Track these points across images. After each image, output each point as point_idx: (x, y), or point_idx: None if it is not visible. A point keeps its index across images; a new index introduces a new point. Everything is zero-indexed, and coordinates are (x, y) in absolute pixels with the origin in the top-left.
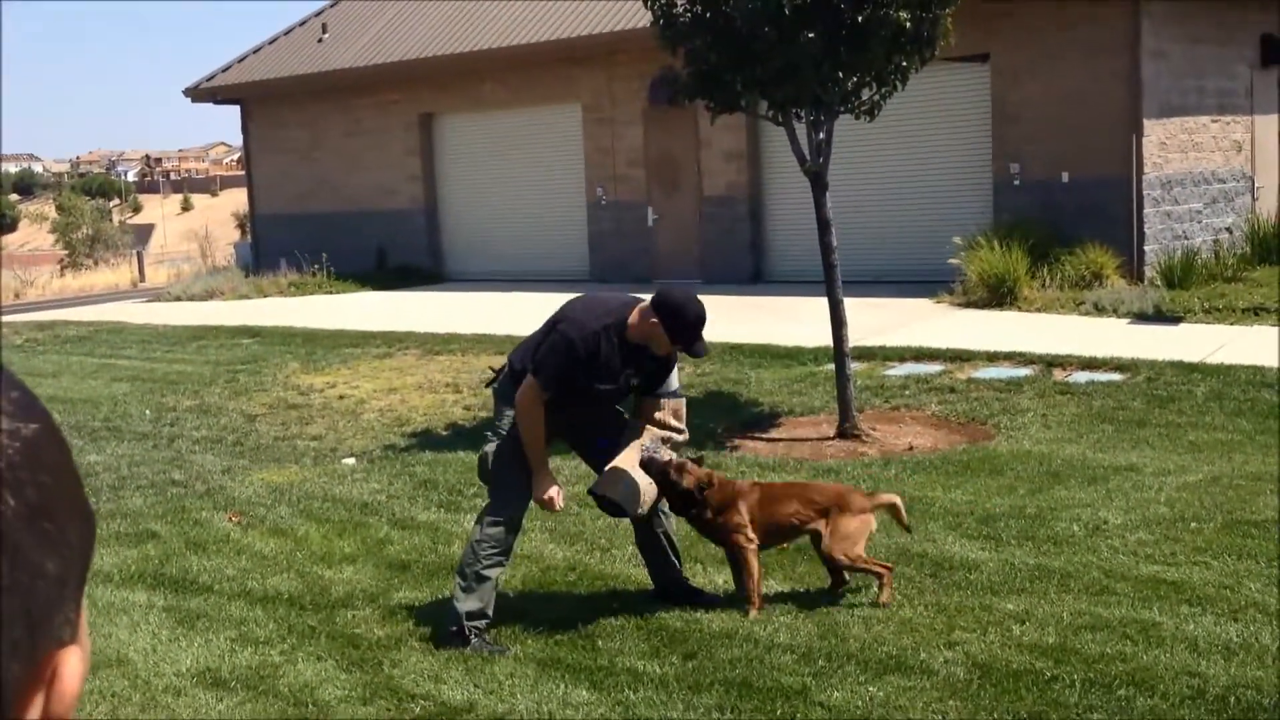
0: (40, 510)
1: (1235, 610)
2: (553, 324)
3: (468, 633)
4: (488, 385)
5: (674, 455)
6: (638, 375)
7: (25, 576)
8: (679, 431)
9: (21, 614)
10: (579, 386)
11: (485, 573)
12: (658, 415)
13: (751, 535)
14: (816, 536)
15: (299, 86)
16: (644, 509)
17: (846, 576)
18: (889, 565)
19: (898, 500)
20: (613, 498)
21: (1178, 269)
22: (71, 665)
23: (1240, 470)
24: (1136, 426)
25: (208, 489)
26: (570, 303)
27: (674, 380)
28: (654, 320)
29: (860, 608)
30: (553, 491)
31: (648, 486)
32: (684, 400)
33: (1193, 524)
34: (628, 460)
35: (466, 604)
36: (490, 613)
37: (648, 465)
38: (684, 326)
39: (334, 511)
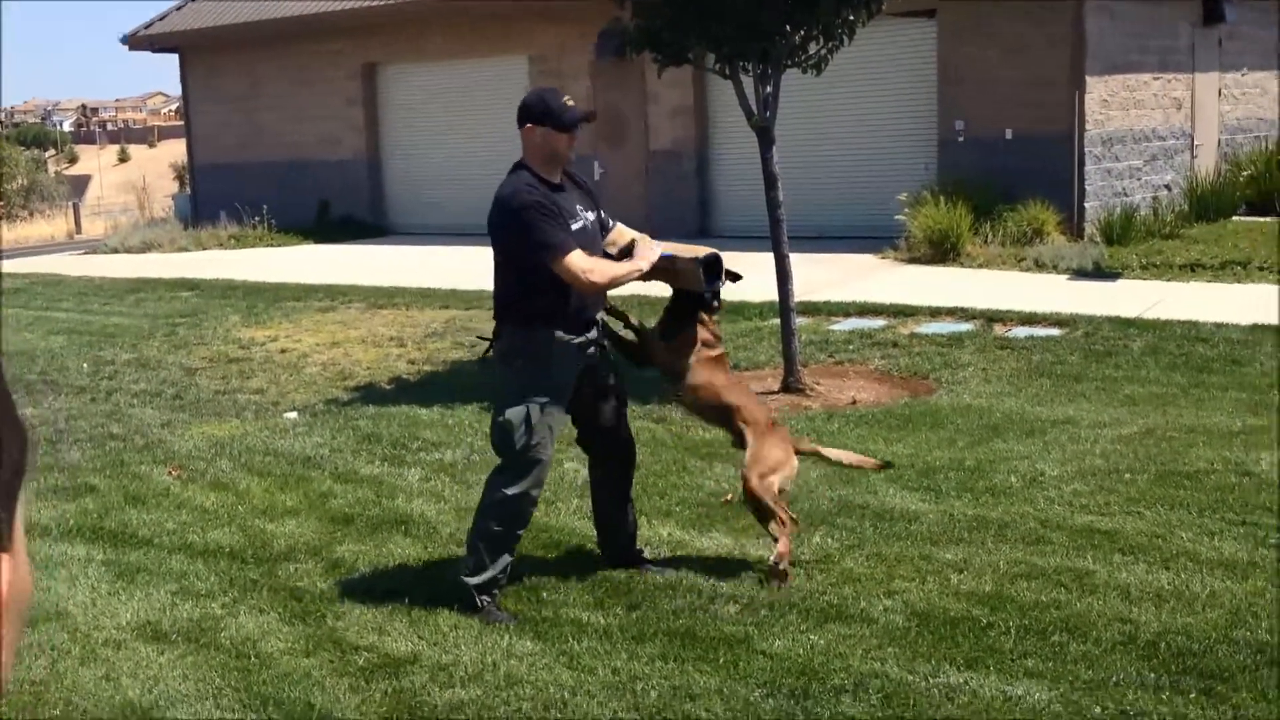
0: None
1: (1167, 559)
2: (498, 223)
3: (480, 602)
4: (485, 354)
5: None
6: (590, 209)
7: None
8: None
9: None
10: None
11: (511, 545)
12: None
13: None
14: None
15: (239, 34)
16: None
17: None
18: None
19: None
20: (720, 258)
21: (1117, 226)
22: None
23: (1174, 423)
24: (1074, 380)
25: (147, 443)
26: (496, 196)
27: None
28: (530, 127)
29: (802, 559)
30: (654, 250)
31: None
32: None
33: (1127, 475)
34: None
35: (485, 575)
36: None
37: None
38: (552, 110)
39: (276, 465)
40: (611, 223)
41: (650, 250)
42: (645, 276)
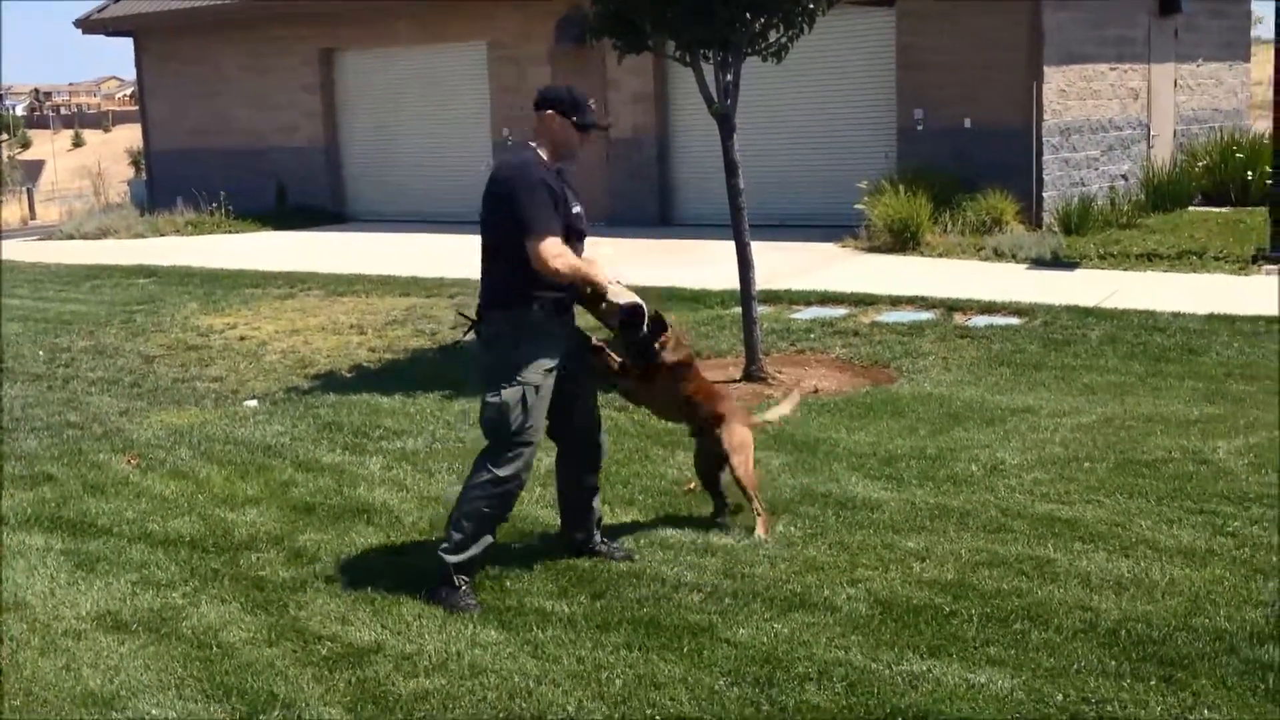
0: None
1: (1126, 547)
2: (502, 193)
3: (456, 582)
4: (466, 334)
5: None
6: (577, 202)
7: None
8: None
9: None
10: (564, 220)
11: (495, 525)
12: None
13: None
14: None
15: (194, 19)
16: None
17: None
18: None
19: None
20: (644, 311)
21: (1075, 215)
22: None
23: (1132, 411)
24: (1033, 369)
25: (105, 431)
26: (495, 172)
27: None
28: (550, 114)
29: (764, 548)
30: (612, 277)
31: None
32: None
33: (1086, 464)
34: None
35: (466, 554)
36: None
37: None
38: (577, 103)
39: (236, 454)
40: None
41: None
42: (580, 300)
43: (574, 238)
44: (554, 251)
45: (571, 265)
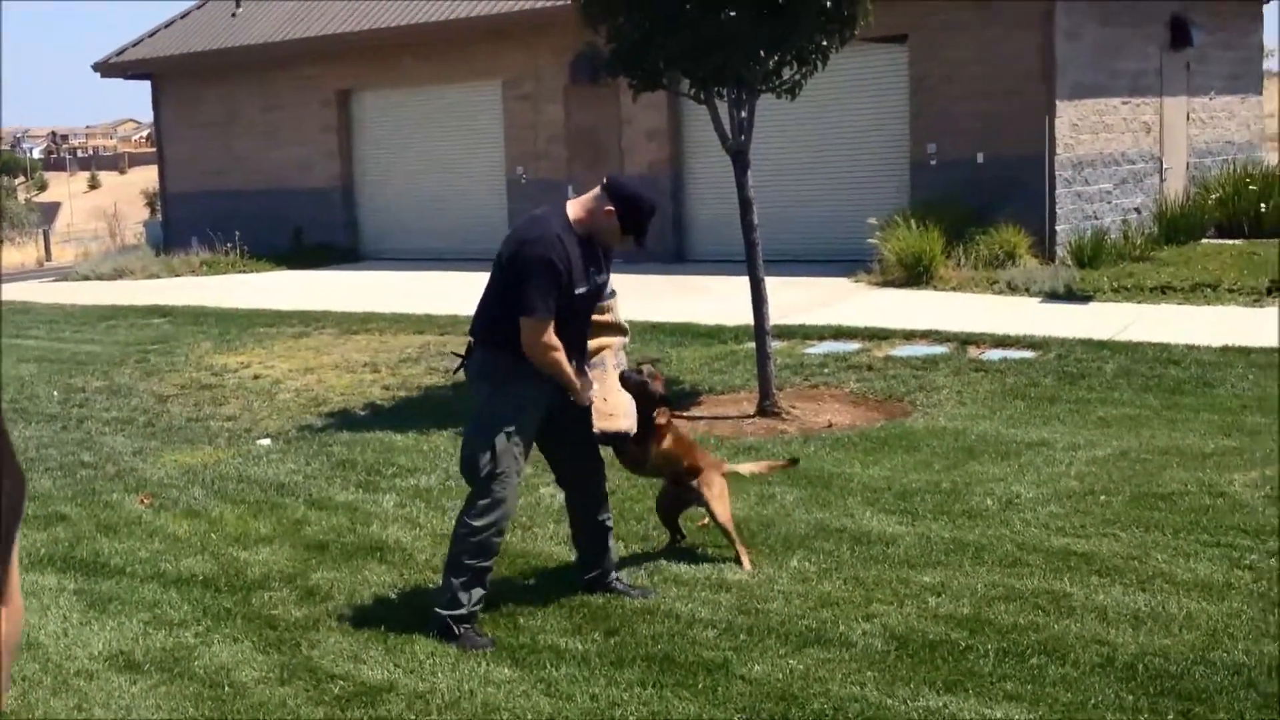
0: None
1: (1143, 580)
2: (513, 257)
3: (457, 629)
4: (456, 371)
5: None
6: (601, 273)
7: None
8: (624, 331)
9: None
10: (565, 300)
11: (484, 577)
12: (608, 317)
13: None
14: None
15: (212, 61)
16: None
17: (684, 533)
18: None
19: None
20: (623, 430)
21: (1088, 249)
22: None
23: (1148, 445)
24: (1048, 403)
25: (118, 471)
26: (515, 230)
27: (610, 279)
28: (609, 209)
29: (779, 583)
30: (592, 391)
31: (630, 403)
32: (617, 296)
33: (1102, 497)
34: (609, 383)
35: (460, 610)
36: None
37: (626, 380)
38: (638, 215)
39: (249, 492)
40: (612, 289)
41: (591, 389)
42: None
43: (577, 316)
44: (538, 340)
45: (548, 360)
